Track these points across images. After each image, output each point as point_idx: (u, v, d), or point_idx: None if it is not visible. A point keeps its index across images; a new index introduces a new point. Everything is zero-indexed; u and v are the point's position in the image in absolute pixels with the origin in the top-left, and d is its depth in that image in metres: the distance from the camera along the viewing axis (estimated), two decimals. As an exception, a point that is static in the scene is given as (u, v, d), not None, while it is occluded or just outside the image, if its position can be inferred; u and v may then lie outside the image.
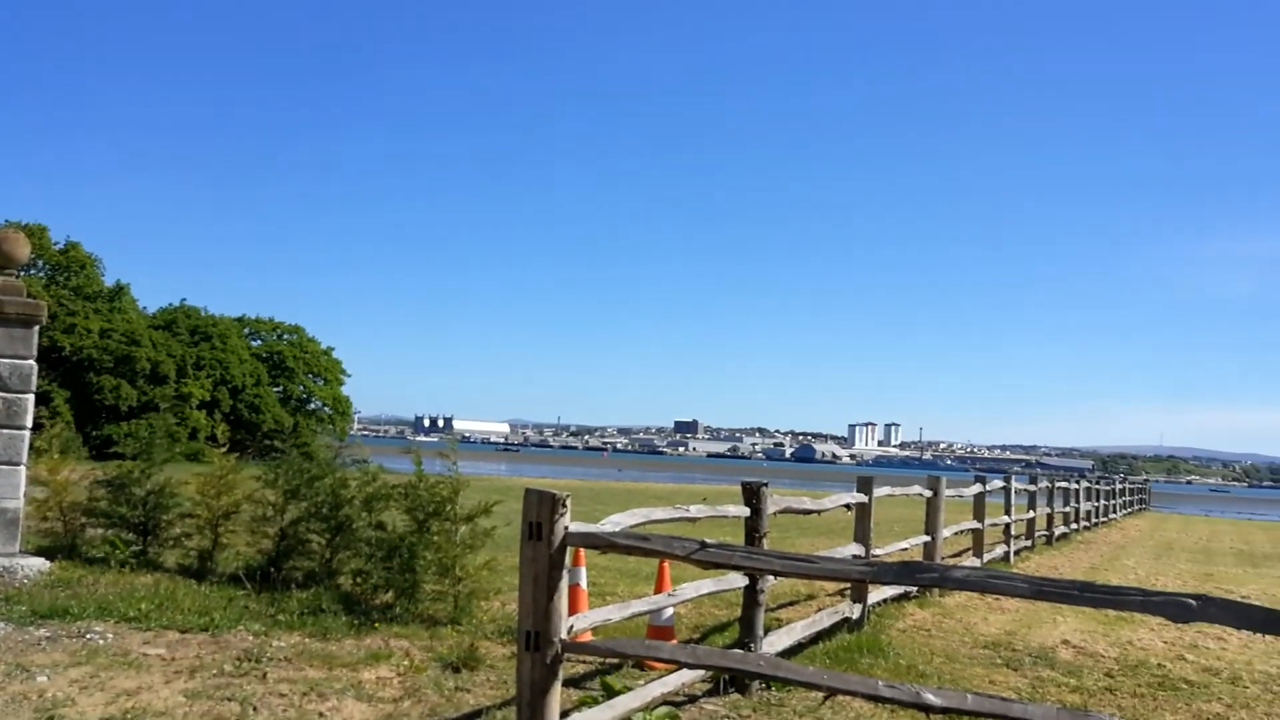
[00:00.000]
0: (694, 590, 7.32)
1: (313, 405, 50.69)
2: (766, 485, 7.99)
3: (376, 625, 9.06)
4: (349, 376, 52.26)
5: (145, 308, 46.34)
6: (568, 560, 5.44)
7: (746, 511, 7.86)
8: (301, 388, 49.64)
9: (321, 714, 6.56)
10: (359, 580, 10.23)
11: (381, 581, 9.88)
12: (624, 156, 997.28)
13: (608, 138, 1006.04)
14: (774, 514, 8.18)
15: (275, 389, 48.24)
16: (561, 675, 5.41)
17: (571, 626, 5.41)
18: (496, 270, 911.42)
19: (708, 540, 5.12)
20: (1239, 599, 12.62)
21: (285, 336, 50.85)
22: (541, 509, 5.24)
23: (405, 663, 7.87)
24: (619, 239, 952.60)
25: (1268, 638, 10.64)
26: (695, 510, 7.27)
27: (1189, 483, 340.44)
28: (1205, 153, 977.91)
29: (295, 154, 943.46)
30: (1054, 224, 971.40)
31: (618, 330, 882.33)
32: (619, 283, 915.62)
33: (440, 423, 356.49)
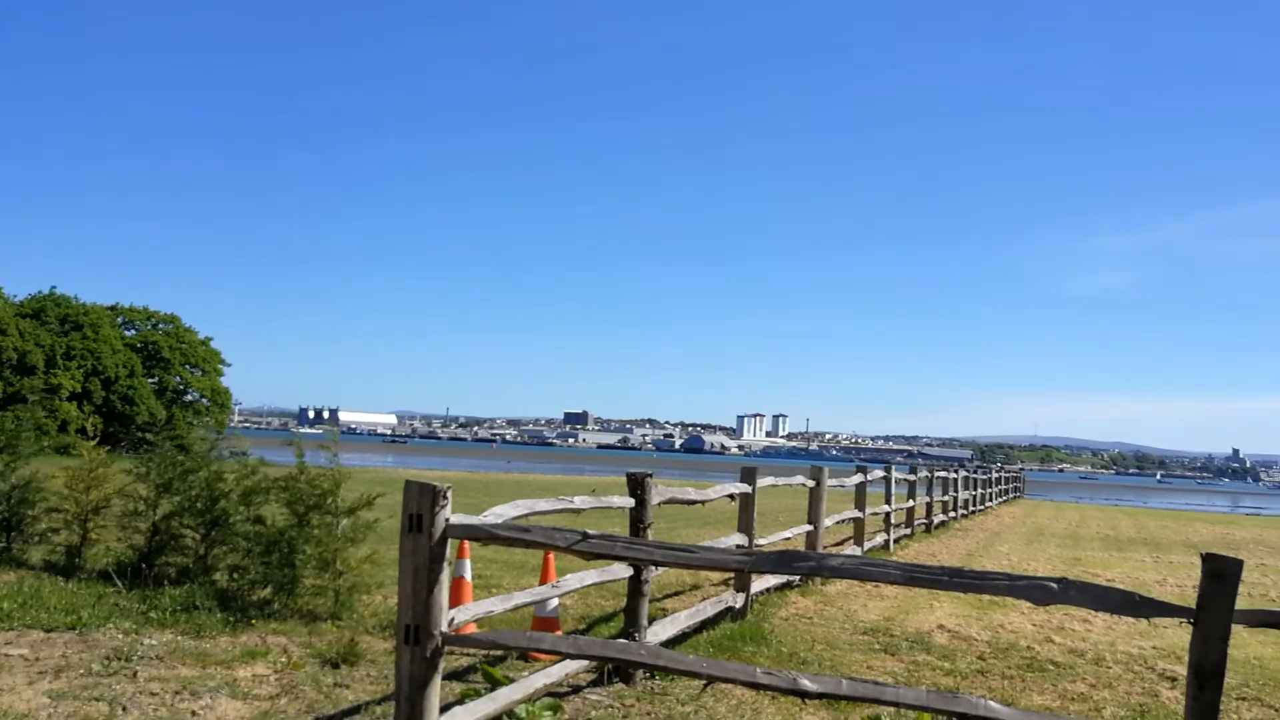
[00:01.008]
0: (578, 581, 7.33)
1: (190, 397, 49.34)
2: (651, 476, 8.03)
3: (254, 622, 8.86)
4: (228, 367, 51.00)
5: (13, 296, 44.49)
6: (450, 553, 5.39)
7: (631, 502, 7.89)
8: (178, 379, 48.26)
9: (194, 713, 6.39)
10: (236, 576, 9.99)
11: (260, 577, 9.65)
12: (514, 147, 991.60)
13: (493, 126, 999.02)
14: (659, 504, 8.23)
15: (150, 380, 46.82)
16: (442, 669, 5.37)
17: (453, 619, 5.36)
18: (384, 259, 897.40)
19: (590, 531, 5.12)
20: (1104, 582, 13.12)
21: (161, 326, 49.34)
22: (422, 501, 5.18)
23: (283, 659, 7.71)
24: (509, 228, 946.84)
25: (1130, 620, 11.11)
26: (580, 501, 7.28)
27: (1061, 471, 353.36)
28: (1077, 148, 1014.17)
29: (161, 132, 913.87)
30: (933, 219, 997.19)
31: (508, 321, 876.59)
32: (509, 272, 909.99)
33: (325, 414, 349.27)
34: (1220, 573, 4.19)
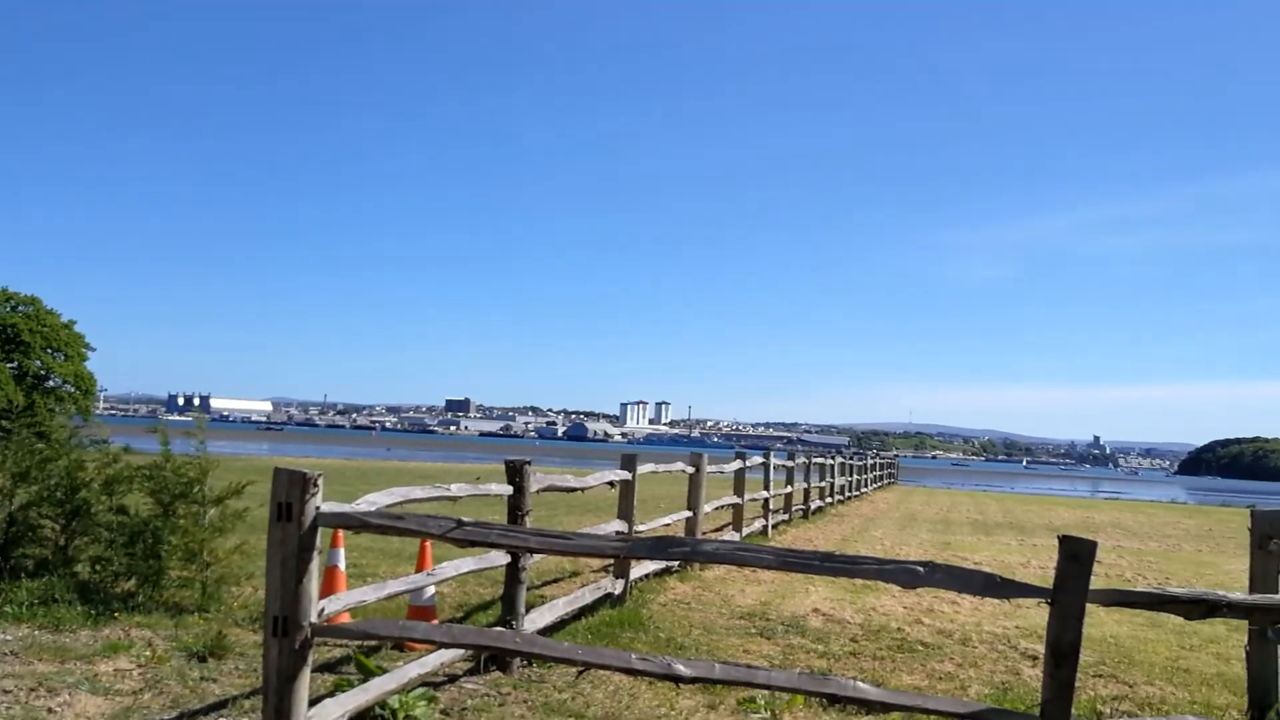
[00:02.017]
0: (454, 569, 7.26)
1: (52, 383, 47.30)
2: (530, 463, 7.98)
3: (117, 615, 8.54)
4: (93, 351, 49.05)
5: None
6: (320, 542, 5.28)
7: (510, 490, 7.84)
8: (39, 364, 46.22)
9: (51, 710, 6.13)
10: (98, 568, 9.60)
11: (123, 569, 9.30)
12: (387, 134, 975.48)
13: (358, 109, 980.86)
14: (537, 492, 8.19)
15: (10, 365, 44.74)
16: (313, 660, 5.26)
17: (323, 610, 5.25)
18: (258, 241, 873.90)
19: (464, 519, 5.07)
20: (972, 565, 13.49)
21: (20, 308, 47.13)
22: (291, 489, 5.06)
23: (147, 653, 7.45)
24: (388, 213, 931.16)
25: (995, 601, 11.48)
26: (456, 489, 7.19)
27: (934, 457, 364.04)
28: (955, 145, 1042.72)
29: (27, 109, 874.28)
30: (814, 212, 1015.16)
31: (388, 306, 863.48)
32: (388, 258, 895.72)
33: (196, 401, 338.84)
34: (1076, 554, 4.34)
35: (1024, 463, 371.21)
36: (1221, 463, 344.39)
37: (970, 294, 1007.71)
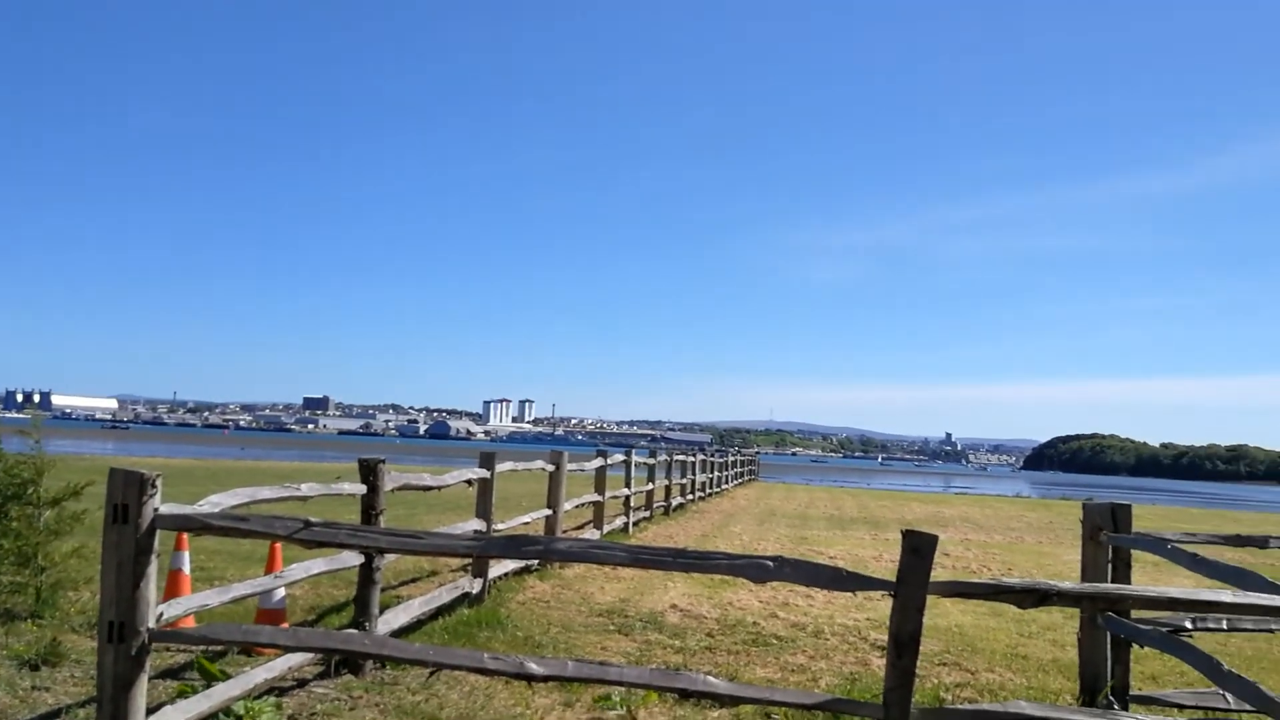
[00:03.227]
0: (304, 571, 7.08)
1: None
2: (384, 462, 7.84)
3: (-61, 624, 8.08)
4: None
5: None
6: (162, 544, 5.08)
7: (364, 489, 7.68)
8: None
9: None
10: (-81, 574, 9.06)
11: (-52, 575, 8.80)
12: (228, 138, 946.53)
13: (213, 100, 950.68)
14: (392, 490, 8.05)
15: None
16: (150, 667, 5.06)
17: (162, 614, 5.06)
18: (104, 232, 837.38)
19: (312, 519, 4.95)
20: (827, 560, 13.80)
21: None
22: (128, 490, 4.86)
23: (-28, 664, 7.06)
24: (243, 204, 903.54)
25: (849, 594, 11.77)
26: (307, 488, 7.01)
27: (794, 454, 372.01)
28: (801, 148, 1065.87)
29: None
30: (679, 212, 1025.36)
31: (241, 300, 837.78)
32: (243, 251, 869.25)
33: (36, 398, 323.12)
34: (917, 547, 4.47)
35: (879, 459, 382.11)
36: (1063, 458, 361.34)
37: (829, 294, 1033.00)
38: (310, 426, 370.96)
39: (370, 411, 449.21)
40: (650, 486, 22.73)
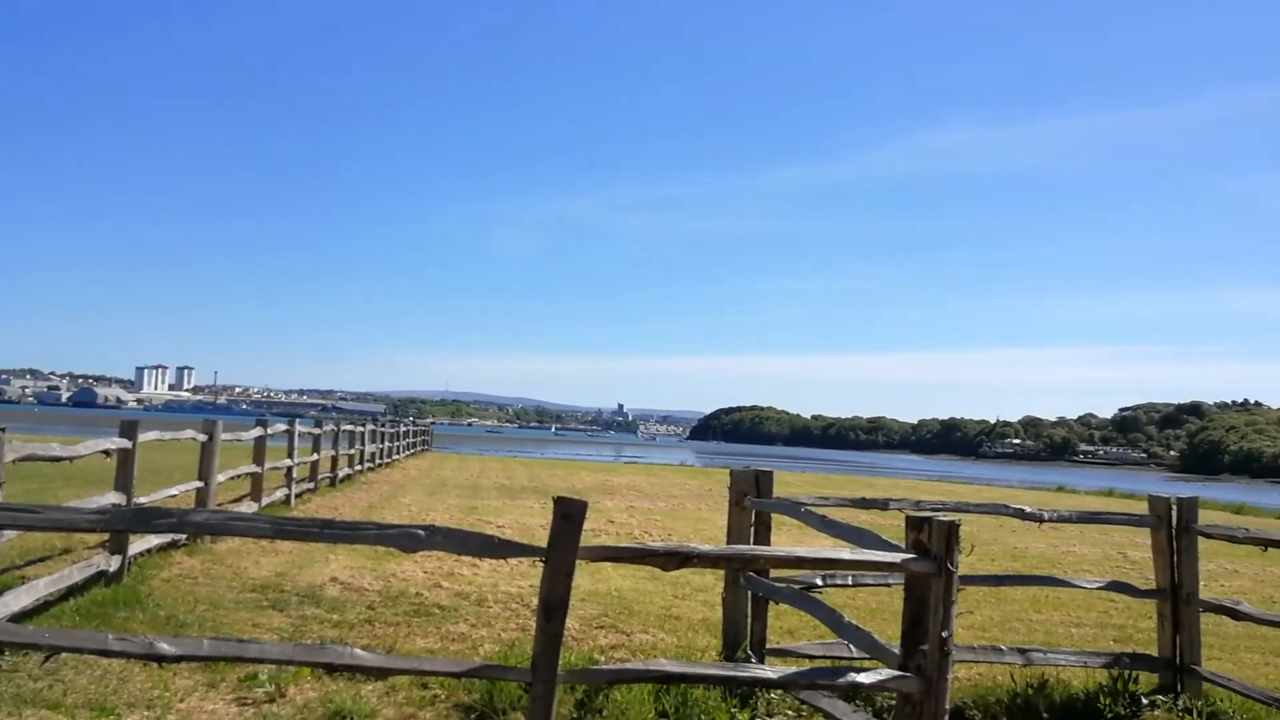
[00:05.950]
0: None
1: None
2: (4, 430, 7.12)
3: None
4: None
5: None
6: None
7: (-23, 460, 6.94)
8: None
9: None
10: None
11: None
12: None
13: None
14: (14, 461, 7.34)
15: None
16: None
17: None
18: None
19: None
20: (496, 529, 13.87)
21: None
22: None
23: None
24: None
25: (514, 561, 11.89)
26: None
27: (470, 424, 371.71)
28: (491, 119, 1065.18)
29: None
30: (353, 180, 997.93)
31: None
32: None
33: None
34: (568, 513, 4.55)
35: (554, 429, 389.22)
36: (726, 428, 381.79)
37: (506, 265, 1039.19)
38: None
39: (4, 376, 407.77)
40: (315, 457, 21.98)
